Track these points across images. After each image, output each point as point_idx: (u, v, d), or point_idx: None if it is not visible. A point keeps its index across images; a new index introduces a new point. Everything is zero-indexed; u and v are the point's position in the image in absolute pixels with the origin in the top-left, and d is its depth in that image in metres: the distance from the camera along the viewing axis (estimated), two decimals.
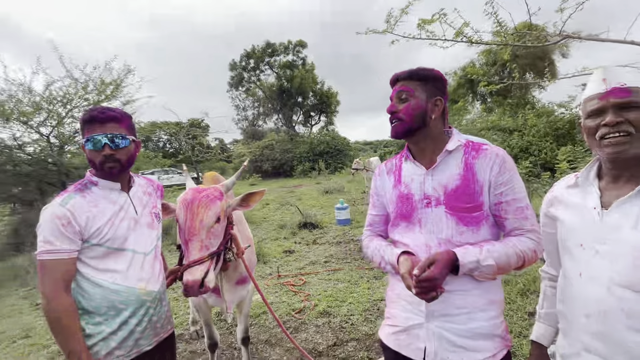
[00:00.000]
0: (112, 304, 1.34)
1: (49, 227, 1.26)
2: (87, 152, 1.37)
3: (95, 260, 1.34)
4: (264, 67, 33.45)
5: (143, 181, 1.61)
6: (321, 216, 8.16)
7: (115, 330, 1.34)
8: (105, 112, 1.39)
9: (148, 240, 1.48)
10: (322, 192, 12.88)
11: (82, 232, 1.30)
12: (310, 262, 5.13)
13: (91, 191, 1.38)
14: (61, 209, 1.28)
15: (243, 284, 2.25)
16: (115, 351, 1.34)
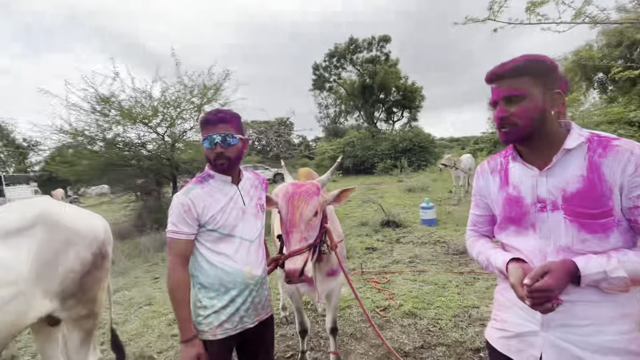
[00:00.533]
0: (223, 283, 1.51)
1: (175, 212, 1.48)
2: (204, 150, 1.56)
3: (210, 244, 1.52)
4: (346, 64, 33.72)
5: (251, 175, 1.76)
6: (404, 215, 7.94)
7: (224, 305, 1.51)
8: (217, 114, 1.56)
9: (254, 229, 1.63)
10: (405, 190, 12.50)
11: (199, 219, 1.49)
12: (393, 261, 5.04)
13: (209, 183, 1.57)
14: (184, 198, 1.49)
15: (333, 275, 2.32)
16: (224, 324, 1.51)
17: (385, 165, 22.97)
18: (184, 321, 1.44)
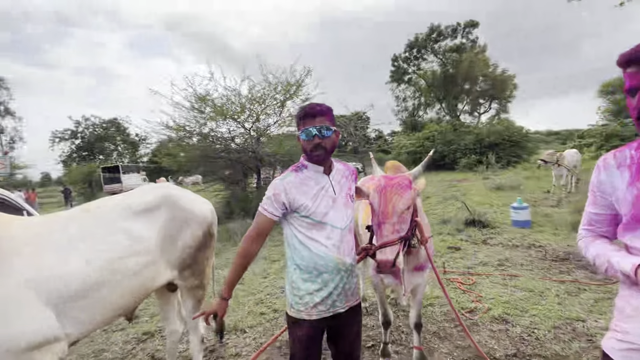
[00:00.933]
0: (316, 266, 1.60)
1: (269, 192, 1.62)
2: (301, 142, 1.66)
3: (304, 229, 1.62)
4: (427, 54, 32.11)
5: (341, 166, 1.82)
6: (492, 214, 7.34)
7: (318, 288, 1.60)
8: (315, 107, 1.64)
9: (344, 217, 1.68)
10: (492, 188, 11.52)
11: (287, 205, 1.60)
12: (480, 263, 4.72)
13: (303, 172, 1.67)
14: (280, 183, 1.62)
15: (420, 270, 2.29)
16: (318, 306, 1.60)
17: (468, 161, 21.40)
18: (230, 283, 1.67)
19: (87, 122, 41.16)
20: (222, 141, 10.86)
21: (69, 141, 40.31)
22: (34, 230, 1.68)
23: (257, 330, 3.34)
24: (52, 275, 1.60)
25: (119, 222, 1.89)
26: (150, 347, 3.21)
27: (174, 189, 2.27)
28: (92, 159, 39.28)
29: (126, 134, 42.79)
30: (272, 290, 4.39)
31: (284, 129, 11.20)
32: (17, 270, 1.52)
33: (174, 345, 2.56)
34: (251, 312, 3.75)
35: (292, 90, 10.55)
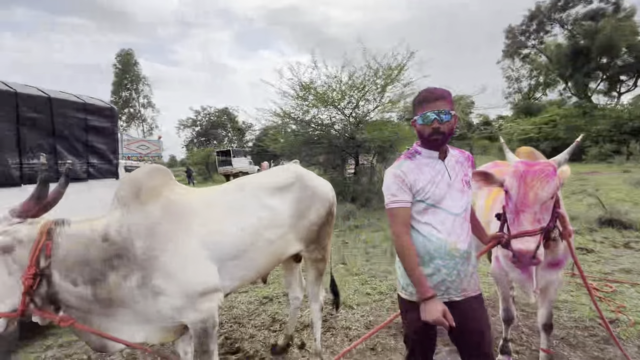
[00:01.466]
0: (428, 251, 1.57)
1: (393, 184, 1.60)
2: (417, 126, 1.62)
3: (417, 214, 1.60)
4: (550, 25, 27.62)
5: (456, 152, 1.74)
6: (636, 214, 6.12)
7: (430, 273, 1.56)
8: (434, 91, 1.60)
9: (459, 203, 1.61)
10: (635, 183, 9.54)
11: (411, 189, 1.58)
12: (621, 269, 4.02)
13: (417, 158, 1.64)
14: (397, 171, 1.61)
15: (555, 267, 2.08)
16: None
17: (601, 151, 18.01)
18: (421, 282, 1.50)
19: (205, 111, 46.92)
20: (322, 127, 11.30)
21: (190, 128, 46.70)
22: (204, 200, 2.05)
23: (365, 309, 3.49)
24: (217, 237, 1.94)
25: (262, 197, 2.18)
26: (270, 310, 3.63)
27: (304, 169, 2.50)
28: (208, 144, 44.86)
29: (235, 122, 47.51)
30: (376, 273, 4.49)
31: (384, 115, 11.07)
32: (195, 230, 1.88)
33: (295, 310, 2.87)
34: (357, 291, 3.91)
35: (394, 75, 10.29)
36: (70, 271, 1.61)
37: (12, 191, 3.06)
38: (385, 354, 2.69)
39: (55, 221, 1.65)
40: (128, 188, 1.85)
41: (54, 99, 3.43)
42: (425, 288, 1.48)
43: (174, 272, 1.78)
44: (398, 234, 1.59)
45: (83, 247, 1.64)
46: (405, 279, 1.63)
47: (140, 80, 34.83)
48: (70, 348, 3.10)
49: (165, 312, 1.80)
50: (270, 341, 2.98)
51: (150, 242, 1.77)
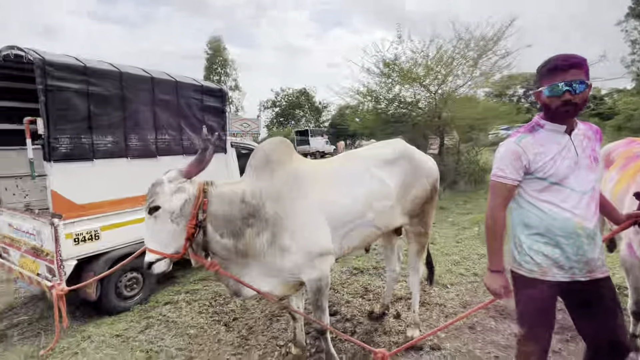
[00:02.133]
0: (549, 229, 1.47)
1: (504, 158, 1.53)
2: (542, 98, 1.49)
3: (537, 192, 1.51)
4: None
5: (583, 126, 1.57)
6: None
7: (551, 251, 1.48)
8: (568, 59, 1.43)
9: (586, 181, 1.48)
10: None
11: (527, 166, 1.49)
12: None
13: (539, 132, 1.53)
14: (515, 145, 1.52)
15: None
16: (553, 268, 1.49)
17: None
18: (496, 254, 1.57)
19: (284, 92, 48.57)
20: (406, 105, 10.95)
21: (270, 109, 48.94)
22: (320, 170, 2.22)
23: (459, 288, 3.44)
24: (332, 205, 2.10)
25: (373, 169, 2.27)
26: (362, 280, 3.80)
27: (408, 145, 2.52)
28: (287, 124, 46.62)
29: (312, 102, 48.39)
30: (468, 254, 4.36)
31: (475, 91, 10.25)
32: (314, 197, 2.07)
33: (392, 281, 2.97)
34: (449, 270, 3.86)
35: (490, 46, 9.39)
36: (219, 225, 1.91)
37: (151, 162, 3.65)
38: (486, 334, 2.65)
39: (206, 182, 1.96)
40: (260, 157, 2.09)
41: (179, 82, 3.94)
42: (496, 262, 1.58)
43: (297, 233, 2.00)
44: (493, 208, 1.58)
45: (228, 206, 1.93)
46: (523, 256, 1.56)
47: (229, 64, 37.38)
48: (195, 294, 3.68)
49: (288, 267, 2.04)
50: (365, 308, 3.15)
51: (277, 205, 2.00)
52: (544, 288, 1.53)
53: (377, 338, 2.68)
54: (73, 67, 3.01)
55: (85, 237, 3.12)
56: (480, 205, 7.13)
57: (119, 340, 2.85)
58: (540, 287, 1.54)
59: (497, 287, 1.57)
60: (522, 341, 1.62)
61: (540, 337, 1.59)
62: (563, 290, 1.55)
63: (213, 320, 3.11)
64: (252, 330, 2.92)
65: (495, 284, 1.57)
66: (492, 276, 1.59)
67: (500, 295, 1.57)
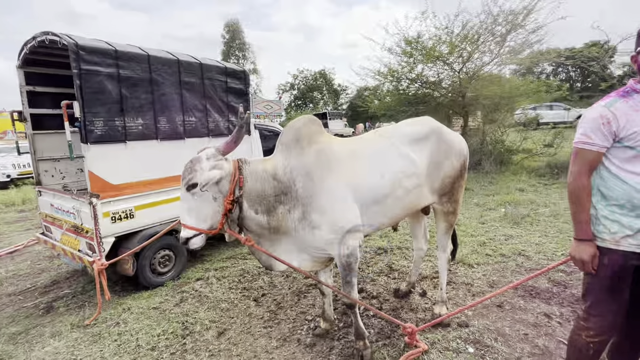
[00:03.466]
0: (630, 200, 1.42)
1: (591, 124, 1.46)
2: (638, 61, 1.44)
3: (621, 161, 1.44)
4: None
5: None
6: None
7: (631, 221, 1.43)
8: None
9: None
10: None
11: (617, 133, 1.42)
12: None
13: (632, 97, 1.44)
14: (605, 110, 1.44)
15: None
16: (629, 238, 1.44)
17: None
18: (583, 223, 1.50)
19: (302, 74, 48.06)
20: (428, 85, 10.65)
21: (288, 92, 48.64)
22: (349, 148, 2.22)
23: (486, 268, 3.42)
24: (361, 182, 2.11)
25: (401, 147, 2.25)
26: (386, 260, 3.83)
27: (439, 123, 2.47)
28: (305, 107, 46.35)
29: (331, 84, 47.78)
30: (494, 235, 4.30)
31: (502, 68, 9.83)
32: (343, 175, 2.08)
33: (418, 260, 2.98)
34: (475, 251, 3.83)
35: (519, 19, 8.92)
36: (253, 201, 1.97)
37: (179, 143, 3.75)
38: (515, 312, 2.64)
39: (240, 160, 2.01)
40: (290, 135, 2.11)
41: (204, 64, 3.97)
42: (585, 231, 1.51)
43: (327, 210, 2.02)
44: (577, 174, 1.51)
45: (261, 183, 1.98)
46: (596, 225, 1.52)
47: (247, 47, 37.24)
48: (224, 271, 3.82)
49: (318, 243, 2.08)
50: (390, 286, 3.19)
51: (307, 182, 2.03)
52: (616, 258, 1.47)
53: (404, 315, 2.72)
54: (104, 50, 3.08)
55: (121, 215, 3.27)
56: (507, 187, 6.96)
57: (157, 312, 3.01)
58: (612, 256, 1.48)
59: (587, 256, 1.49)
60: (585, 316, 1.57)
61: (606, 313, 1.52)
62: (635, 263, 1.48)
63: (243, 296, 3.23)
64: (280, 305, 3.02)
65: (584, 254, 1.50)
66: (579, 245, 1.52)
67: (588, 266, 1.50)
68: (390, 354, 2.25)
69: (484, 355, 2.18)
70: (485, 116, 10.62)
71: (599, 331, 1.53)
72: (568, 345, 1.69)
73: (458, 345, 2.28)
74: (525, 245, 3.91)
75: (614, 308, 1.52)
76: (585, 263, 1.49)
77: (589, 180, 1.51)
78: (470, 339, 2.34)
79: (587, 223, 1.51)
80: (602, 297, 1.52)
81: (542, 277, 3.11)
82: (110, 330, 2.78)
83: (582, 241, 1.51)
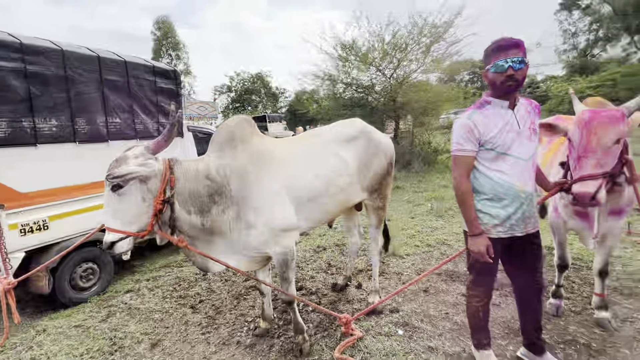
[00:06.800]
0: (497, 194, 1.72)
1: (460, 133, 1.74)
2: (489, 76, 1.70)
3: (487, 161, 1.74)
4: None
5: (524, 101, 1.80)
6: None
7: (498, 212, 1.73)
8: (509, 40, 1.65)
9: (527, 150, 1.72)
10: None
11: (479, 139, 1.71)
12: None
13: (486, 109, 1.74)
14: (466, 121, 1.73)
15: (618, 215, 2.14)
16: (497, 227, 1.75)
17: None
18: (472, 220, 1.75)
19: (239, 77, 46.96)
20: (362, 89, 11.16)
21: (225, 94, 47.16)
22: (284, 148, 2.28)
23: (415, 258, 3.72)
24: (296, 182, 2.18)
25: (333, 147, 2.37)
26: (325, 257, 3.96)
27: (367, 125, 2.64)
28: (243, 110, 45.28)
29: (269, 87, 47.39)
30: (422, 229, 4.67)
31: (427, 76, 10.69)
32: (278, 174, 2.13)
33: (354, 254, 3.14)
34: (406, 243, 4.14)
35: (440, 33, 9.81)
36: (186, 202, 1.92)
37: (102, 146, 3.47)
38: (438, 295, 2.92)
39: (171, 159, 1.94)
40: (223, 134, 2.11)
41: (129, 62, 3.74)
42: (475, 226, 1.75)
43: (262, 210, 2.05)
44: (459, 178, 1.77)
45: (194, 183, 1.94)
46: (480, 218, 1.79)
47: (180, 47, 35.33)
48: (157, 281, 3.62)
49: (254, 243, 2.10)
50: (329, 282, 3.31)
51: (242, 182, 2.04)
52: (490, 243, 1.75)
53: (341, 307, 2.85)
54: (7, 44, 2.76)
55: (33, 227, 2.94)
56: (433, 184, 7.59)
57: (79, 331, 2.76)
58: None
59: (482, 247, 1.71)
60: (472, 286, 1.93)
61: (486, 282, 1.90)
62: (504, 246, 1.80)
63: (178, 304, 3.10)
64: (219, 310, 2.96)
65: (480, 246, 1.72)
66: (474, 240, 1.75)
67: (485, 255, 1.71)
68: (329, 344, 2.35)
69: (411, 335, 2.38)
70: (415, 120, 11.46)
71: (482, 297, 1.89)
72: (466, 313, 2.01)
73: (389, 329, 2.46)
74: (447, 235, 4.33)
75: (489, 279, 1.88)
76: (482, 254, 1.72)
77: (468, 182, 1.77)
78: (400, 322, 2.54)
79: (476, 219, 1.76)
80: (481, 272, 1.86)
81: (461, 261, 3.47)
82: (22, 355, 2.48)
83: (476, 236, 1.75)
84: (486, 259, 1.72)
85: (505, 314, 2.54)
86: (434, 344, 2.26)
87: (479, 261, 1.78)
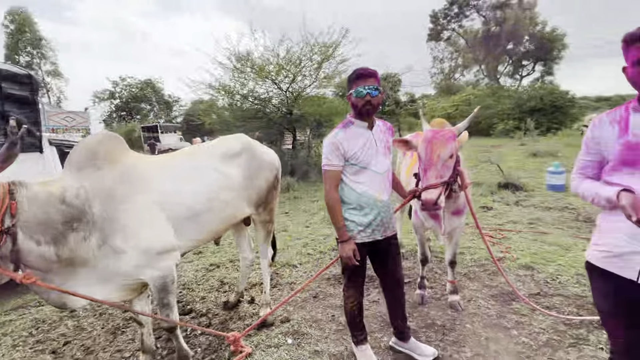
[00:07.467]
0: (359, 203, 2.00)
1: (328, 150, 1.98)
2: (352, 99, 1.97)
3: (351, 174, 2.01)
4: (469, 11, 30.04)
5: (380, 123, 2.15)
6: (526, 179, 7.42)
7: (360, 219, 2.01)
8: (366, 70, 1.97)
9: (383, 164, 2.05)
10: (528, 154, 11.34)
11: (344, 155, 1.97)
12: (510, 221, 4.98)
13: (350, 128, 2.02)
14: (333, 139, 1.98)
15: (458, 214, 2.63)
16: (361, 232, 2.02)
17: (505, 127, 20.69)
18: (340, 227, 1.98)
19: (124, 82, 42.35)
20: (260, 102, 11.22)
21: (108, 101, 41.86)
22: (159, 165, 2.15)
23: (307, 266, 3.88)
24: (172, 199, 2.08)
25: (214, 163, 2.34)
26: (218, 275, 3.83)
27: (251, 140, 2.69)
28: (130, 119, 40.81)
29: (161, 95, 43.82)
30: (316, 237, 4.90)
31: (320, 90, 11.33)
32: (151, 193, 2.00)
33: (246, 269, 3.12)
34: (299, 252, 4.28)
35: (329, 52, 10.54)
36: (34, 231, 1.65)
37: None
38: (327, 299, 3.11)
39: (13, 182, 1.65)
40: (82, 154, 1.89)
41: None
42: (343, 233, 1.98)
43: (133, 233, 1.91)
44: (328, 190, 2.01)
45: (44, 209, 1.69)
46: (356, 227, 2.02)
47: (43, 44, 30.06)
48: (7, 327, 2.99)
49: (125, 270, 1.93)
50: (221, 300, 3.21)
51: (108, 204, 1.86)
52: (357, 246, 1.99)
53: (232, 325, 2.80)
54: None
55: None
56: None
57: None
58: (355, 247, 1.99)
59: (350, 252, 1.92)
60: (345, 288, 2.14)
61: (357, 283, 2.12)
62: (367, 248, 2.06)
63: (34, 351, 2.62)
64: (90, 350, 2.60)
65: (348, 251, 1.93)
66: (343, 246, 1.96)
67: (352, 259, 1.92)
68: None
69: (300, 342, 2.48)
70: (312, 131, 12.01)
71: (354, 297, 2.12)
72: (344, 313, 2.22)
73: (279, 340, 2.51)
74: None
75: (360, 280, 2.12)
76: (350, 258, 1.94)
77: (337, 194, 2.01)
78: (290, 331, 2.62)
79: (344, 227, 1.99)
80: (352, 274, 2.10)
81: None
82: None
83: (345, 242, 1.97)
84: (354, 262, 1.93)
85: (382, 309, 2.84)
86: (320, 348, 2.40)
87: (348, 264, 1.98)
